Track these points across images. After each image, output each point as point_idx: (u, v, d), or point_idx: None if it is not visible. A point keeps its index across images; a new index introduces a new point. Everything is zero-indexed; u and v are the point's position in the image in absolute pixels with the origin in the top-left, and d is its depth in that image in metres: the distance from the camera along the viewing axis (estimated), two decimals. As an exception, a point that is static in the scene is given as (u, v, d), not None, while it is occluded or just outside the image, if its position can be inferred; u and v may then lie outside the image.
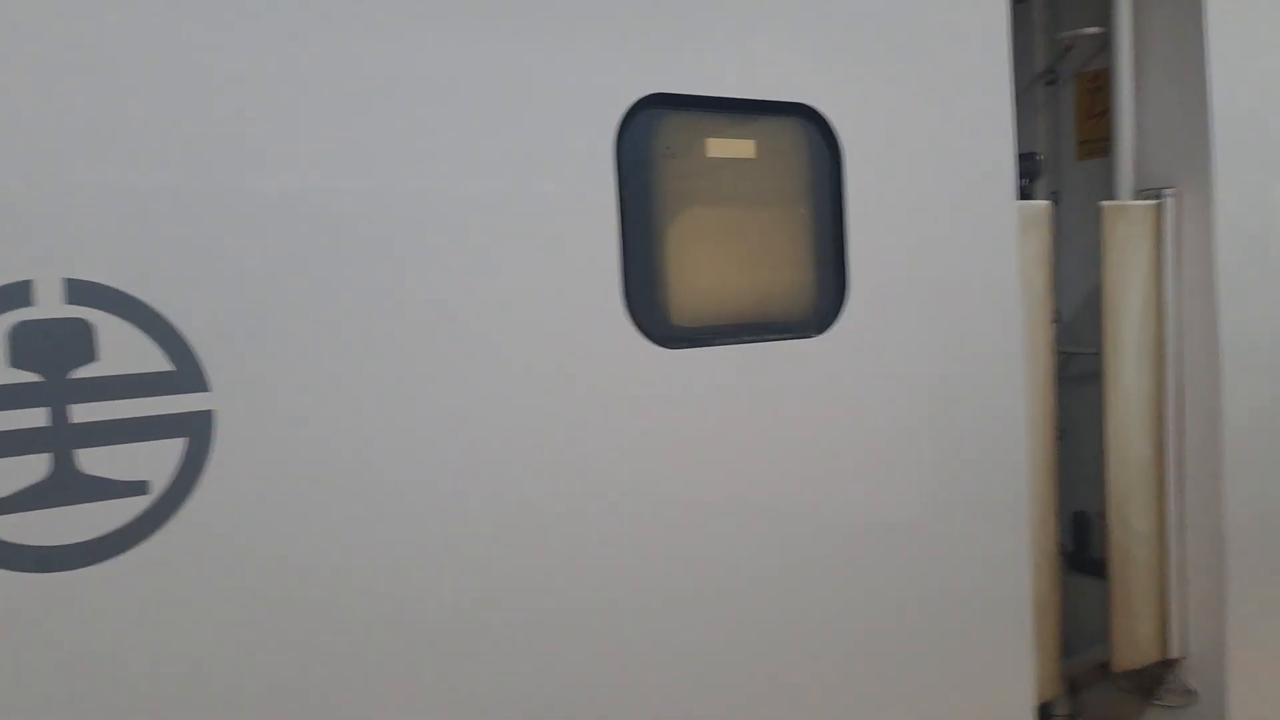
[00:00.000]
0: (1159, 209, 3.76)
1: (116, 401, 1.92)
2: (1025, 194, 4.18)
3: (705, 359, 2.52)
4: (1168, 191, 3.76)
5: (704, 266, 2.59)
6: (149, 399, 1.94)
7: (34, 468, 1.87)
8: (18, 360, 1.86)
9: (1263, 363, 3.83)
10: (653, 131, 2.45)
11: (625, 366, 2.40)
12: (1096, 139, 4.00)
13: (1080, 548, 4.16)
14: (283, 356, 2.05)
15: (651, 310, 2.44)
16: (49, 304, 1.88)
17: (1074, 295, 4.11)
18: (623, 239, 2.37)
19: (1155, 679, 3.94)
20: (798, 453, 2.72)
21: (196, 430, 1.98)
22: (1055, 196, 4.16)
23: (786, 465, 2.70)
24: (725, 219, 2.62)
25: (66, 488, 1.89)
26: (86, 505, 1.91)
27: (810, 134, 2.72)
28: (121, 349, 1.92)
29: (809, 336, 2.71)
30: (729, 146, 2.57)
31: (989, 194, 3.11)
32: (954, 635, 3.07)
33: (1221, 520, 3.72)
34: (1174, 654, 3.83)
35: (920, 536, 2.98)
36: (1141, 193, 3.83)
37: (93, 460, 1.91)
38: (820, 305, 2.75)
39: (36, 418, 1.87)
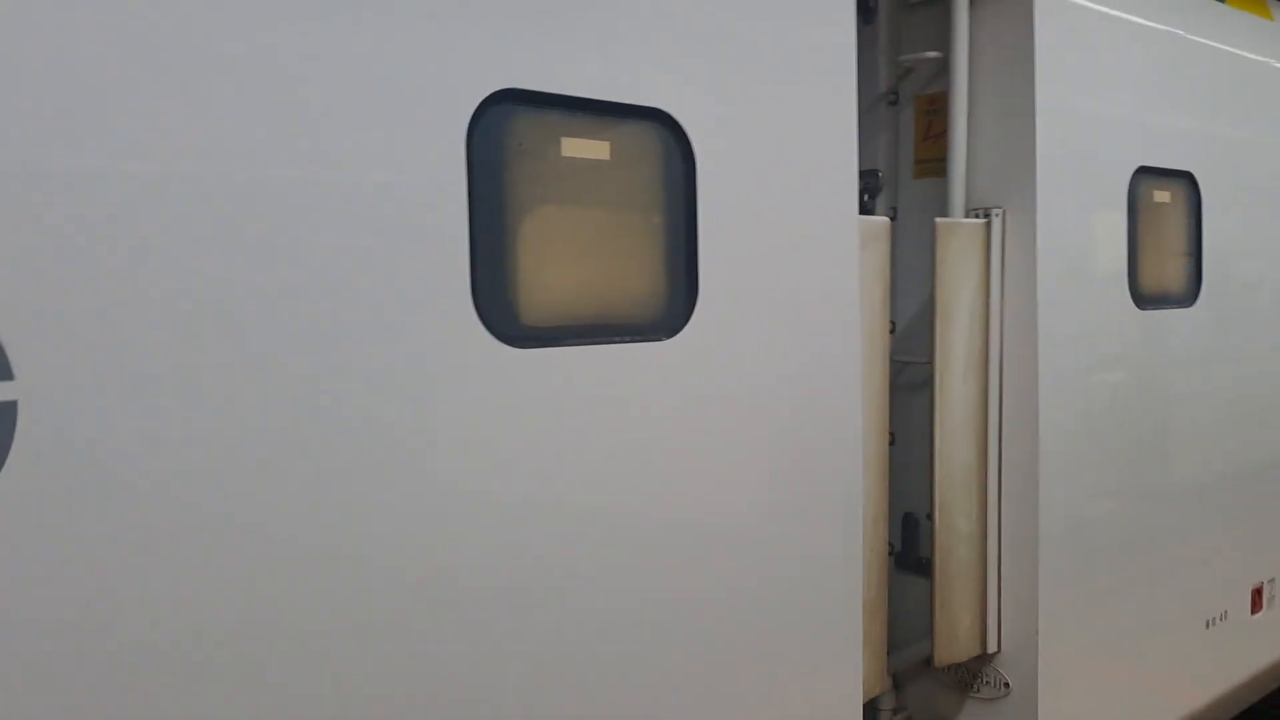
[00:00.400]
0: (987, 228, 3.97)
1: None
2: (867, 209, 4.35)
3: (555, 359, 2.52)
4: (995, 211, 3.98)
5: (556, 266, 2.59)
6: None
7: None
8: None
9: (1076, 375, 4.10)
10: (506, 128, 2.43)
11: (473, 365, 2.37)
12: (933, 159, 4.19)
13: (908, 548, 4.35)
14: (97, 347, 1.91)
15: (501, 309, 2.42)
16: None
17: (909, 307, 4.29)
18: (472, 236, 2.34)
19: (974, 673, 4.16)
20: (642, 453, 2.75)
21: None
22: (894, 212, 4.34)
23: (630, 465, 2.72)
24: (579, 219, 2.63)
25: None
26: None
27: (665, 139, 2.75)
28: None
29: (659, 339, 2.75)
30: (584, 147, 2.58)
31: (833, 208, 3.21)
32: (789, 633, 3.16)
33: (1036, 523, 3.96)
34: (991, 649, 4.05)
35: (758, 537, 3.06)
36: (972, 212, 4.03)
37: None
38: (671, 309, 2.79)
39: None
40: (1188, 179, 4.63)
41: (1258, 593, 5.17)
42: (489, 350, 2.38)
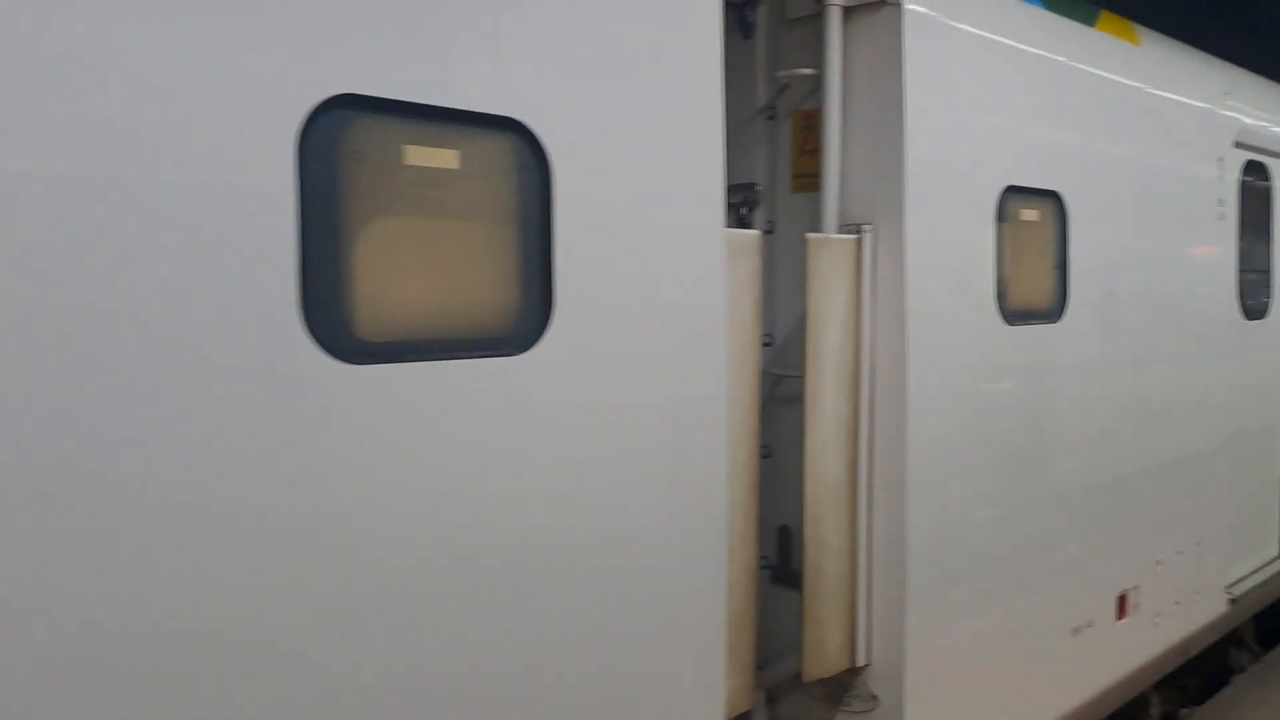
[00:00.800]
0: (858, 243, 4.00)
1: None
2: (744, 223, 4.36)
3: (395, 376, 2.43)
4: (867, 227, 4.01)
5: (399, 279, 2.50)
6: None
7: None
8: None
9: (944, 390, 4.16)
10: (342, 134, 2.34)
11: (299, 381, 2.27)
12: (809, 174, 4.22)
13: (784, 561, 4.36)
14: None
15: (334, 323, 2.32)
16: None
17: (788, 321, 4.31)
18: (302, 246, 2.24)
19: (844, 686, 4.18)
20: (492, 472, 2.68)
21: None
22: (771, 226, 4.35)
23: (480, 485, 2.65)
24: (424, 230, 2.54)
25: None
26: None
27: (519, 149, 2.69)
28: None
29: (510, 354, 2.68)
30: (429, 155, 2.50)
31: (698, 220, 3.19)
32: (646, 651, 3.12)
33: (904, 536, 4.00)
34: (861, 662, 4.08)
35: (615, 555, 3.00)
36: (845, 227, 4.06)
37: None
38: (524, 323, 2.73)
39: None
40: (1055, 198, 4.75)
41: (1123, 600, 5.33)
42: (318, 366, 2.28)
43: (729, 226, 4.33)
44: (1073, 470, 4.93)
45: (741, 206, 4.36)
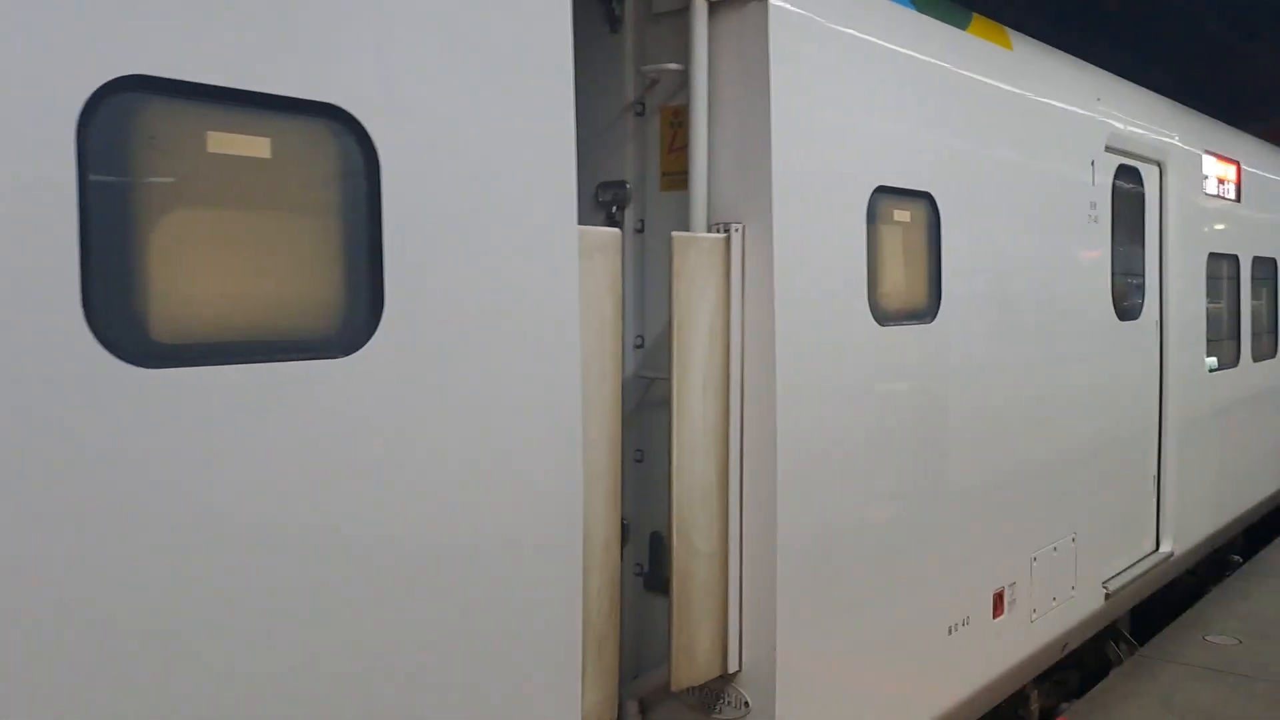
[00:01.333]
0: (726, 243, 3.93)
1: None
2: (614, 221, 4.26)
3: (198, 380, 2.26)
4: (735, 226, 3.95)
5: (203, 276, 2.32)
6: None
7: None
8: None
9: (815, 392, 4.12)
10: (131, 118, 2.16)
11: (83, 385, 2.08)
12: (679, 171, 4.14)
13: (656, 568, 4.27)
14: None
15: (123, 323, 2.14)
16: None
17: (660, 322, 4.22)
18: (84, 239, 2.06)
19: (716, 694, 4.10)
20: (320, 481, 2.52)
21: None
22: (641, 224, 4.27)
23: (300, 496, 2.48)
24: (232, 223, 2.37)
25: None
26: None
27: (343, 137, 2.54)
28: None
29: (335, 357, 2.53)
30: (236, 143, 2.33)
31: (548, 217, 3.08)
32: (499, 664, 2.99)
33: (775, 539, 3.94)
34: (732, 668, 4.01)
35: (462, 566, 2.87)
36: (713, 226, 3.99)
37: None
38: (350, 324, 2.57)
39: None
40: (927, 199, 4.76)
41: (999, 597, 5.37)
42: (104, 368, 2.10)
43: (599, 224, 4.25)
44: (947, 469, 4.95)
45: (612, 205, 4.27)
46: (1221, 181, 8.37)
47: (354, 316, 2.57)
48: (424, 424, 2.73)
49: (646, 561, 4.32)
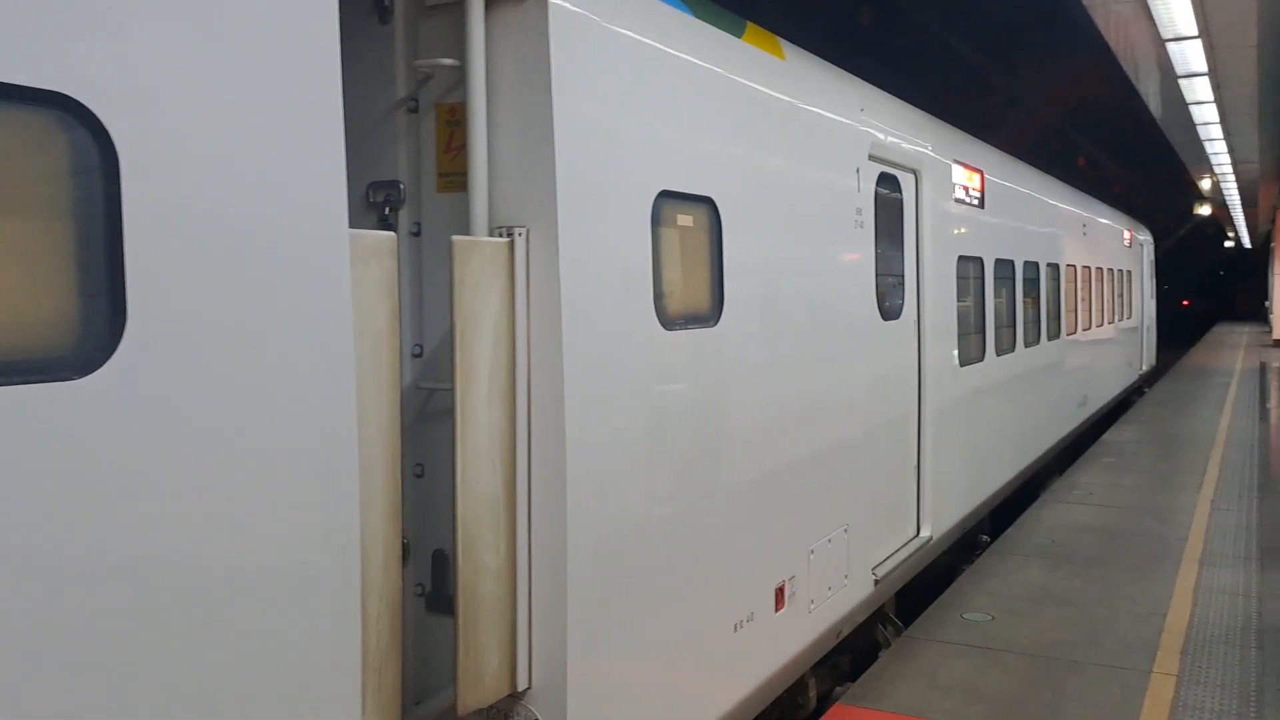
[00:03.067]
0: (510, 247, 3.80)
1: None
2: (387, 224, 4.04)
3: None
4: (519, 230, 3.82)
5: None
6: None
7: None
8: None
9: (603, 398, 4.05)
10: None
11: None
12: (456, 172, 3.98)
13: (439, 587, 4.09)
14: None
15: None
16: None
17: (441, 330, 4.04)
18: None
19: (506, 714, 3.97)
20: (56, 515, 2.21)
21: None
22: (418, 228, 4.07)
23: (37, 530, 2.17)
24: None
25: None
26: None
27: (74, 131, 2.24)
28: None
29: (67, 378, 2.22)
30: None
31: (315, 220, 2.85)
32: (268, 699, 2.74)
33: (565, 551, 3.85)
34: (521, 686, 3.89)
35: (227, 596, 2.61)
36: (496, 230, 3.85)
37: None
38: (84, 341, 2.27)
39: None
40: (708, 204, 4.80)
41: (780, 591, 5.51)
42: None
43: (371, 227, 4.02)
44: (732, 470, 5.02)
45: (384, 206, 4.05)
46: (968, 189, 8.99)
47: (91, 332, 2.27)
48: (177, 449, 2.45)
49: (429, 581, 4.13)
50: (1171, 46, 11.35)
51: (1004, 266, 10.21)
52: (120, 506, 2.34)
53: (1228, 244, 62.15)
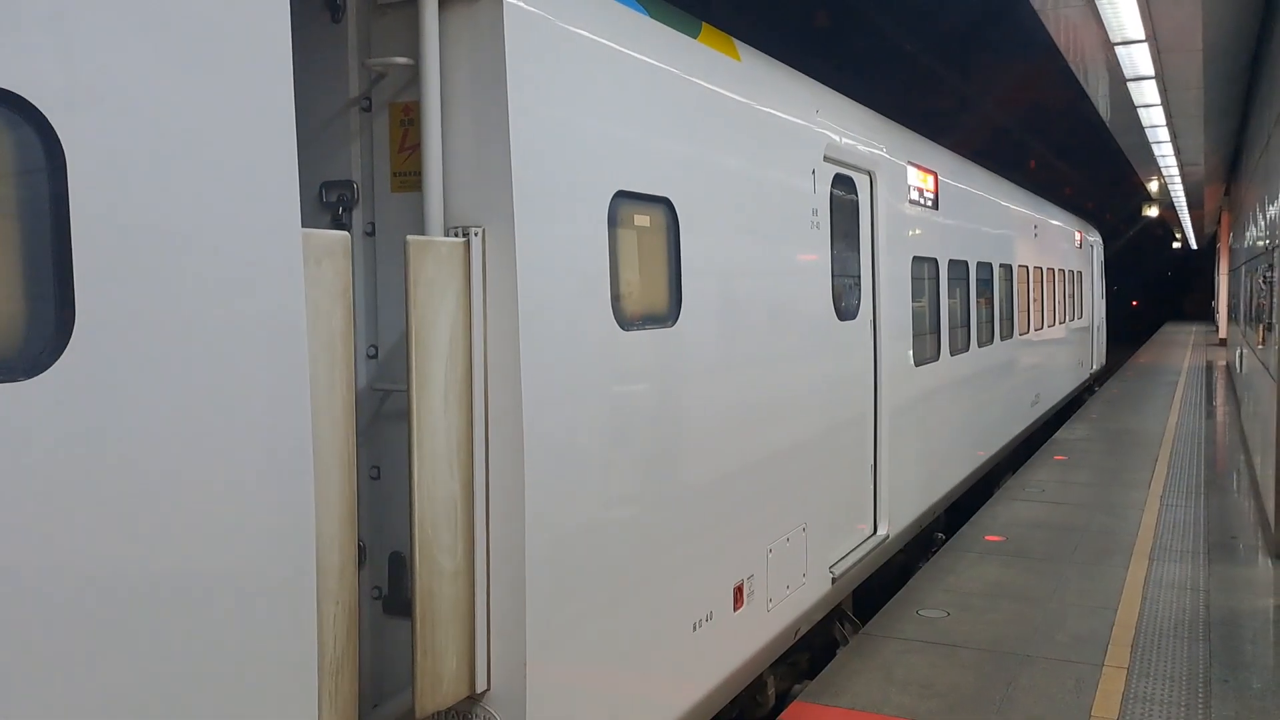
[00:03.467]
0: (466, 247, 3.78)
1: None
2: (341, 224, 4.01)
3: None
4: (475, 230, 3.80)
5: None
6: None
7: None
8: None
9: (561, 399, 4.05)
10: None
11: None
12: (410, 172, 3.95)
13: (396, 590, 4.06)
14: None
15: None
16: None
17: (396, 331, 4.01)
18: None
19: (465, 716, 3.95)
20: (3, 512, 2.17)
21: None
22: (373, 228, 4.03)
23: None
24: None
25: None
26: None
27: (19, 130, 2.19)
28: None
29: (13, 380, 2.18)
30: None
31: (268, 220, 2.81)
32: (224, 705, 2.71)
33: (523, 552, 3.84)
34: (480, 688, 3.87)
35: (181, 603, 2.57)
36: (452, 230, 3.83)
37: None
38: (31, 342, 2.23)
39: None
40: (665, 204, 4.81)
41: (739, 590, 5.54)
42: None
43: (324, 227, 3.98)
44: (690, 469, 5.04)
45: (338, 206, 4.01)
46: (922, 190, 9.09)
47: (38, 333, 2.23)
48: (128, 452, 2.42)
49: (386, 584, 4.10)
50: (1120, 50, 11.56)
51: (958, 267, 10.33)
52: (69, 511, 2.30)
53: (1175, 245, 63.39)
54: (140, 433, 2.45)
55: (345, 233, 3.33)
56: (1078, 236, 19.76)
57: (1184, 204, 33.92)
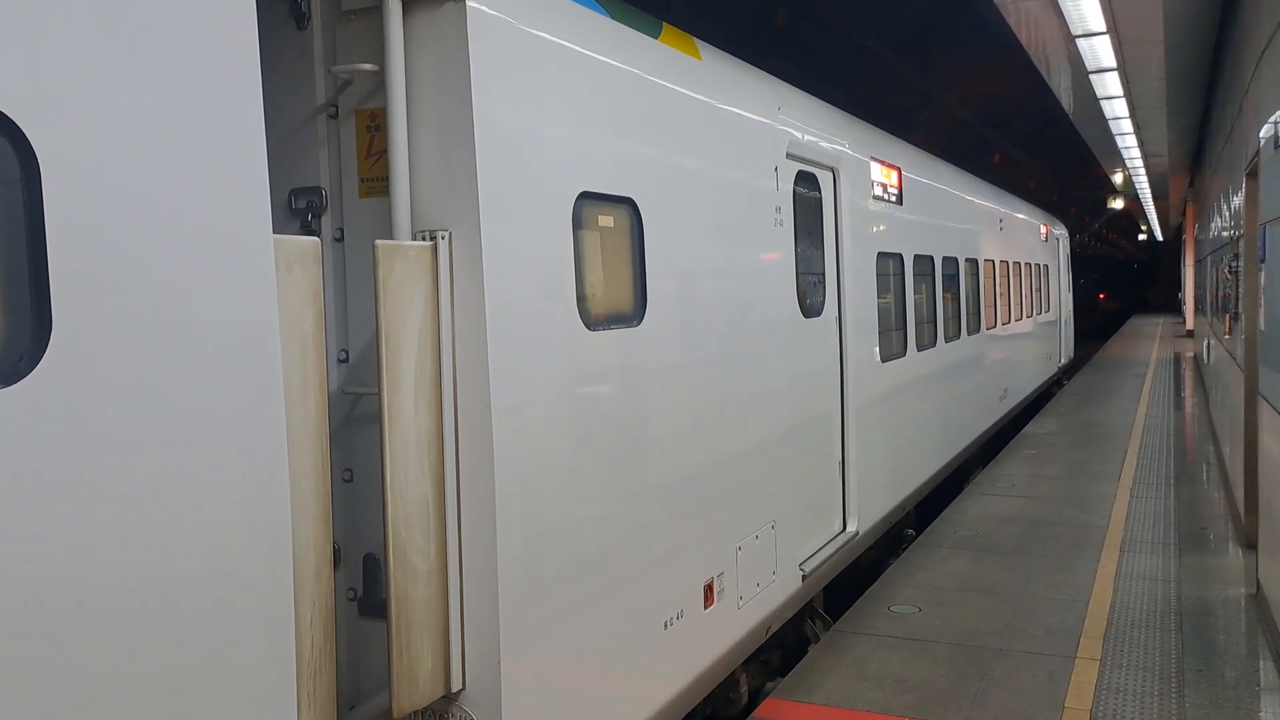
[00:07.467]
0: (434, 250, 3.82)
1: None
2: (310, 229, 4.03)
3: None
4: (442, 234, 3.84)
5: None
6: None
7: None
8: None
9: (529, 400, 4.08)
10: None
11: None
12: (378, 177, 3.98)
13: (371, 591, 4.08)
14: None
15: None
16: None
17: (365, 335, 4.03)
18: None
19: (441, 715, 3.98)
20: None
21: None
22: (341, 234, 4.06)
23: None
24: None
25: None
26: None
27: None
28: None
29: None
30: None
31: (239, 226, 2.84)
32: (203, 709, 2.73)
33: (495, 552, 3.87)
34: (455, 688, 3.90)
35: (157, 607, 2.59)
36: (419, 234, 3.87)
37: None
38: (9, 350, 2.25)
39: None
40: (629, 205, 4.86)
41: (709, 588, 5.59)
42: None
43: (294, 233, 4.00)
44: (659, 468, 5.08)
45: (307, 212, 4.03)
46: (886, 186, 9.18)
47: (15, 342, 2.25)
48: (104, 459, 2.43)
49: (361, 586, 4.12)
50: (1081, 42, 11.69)
51: (923, 262, 10.44)
52: (47, 515, 2.32)
53: (1141, 237, 64.17)
54: (116, 438, 2.47)
55: (316, 239, 3.36)
56: (1043, 230, 19.98)
57: (1149, 196, 34.34)
